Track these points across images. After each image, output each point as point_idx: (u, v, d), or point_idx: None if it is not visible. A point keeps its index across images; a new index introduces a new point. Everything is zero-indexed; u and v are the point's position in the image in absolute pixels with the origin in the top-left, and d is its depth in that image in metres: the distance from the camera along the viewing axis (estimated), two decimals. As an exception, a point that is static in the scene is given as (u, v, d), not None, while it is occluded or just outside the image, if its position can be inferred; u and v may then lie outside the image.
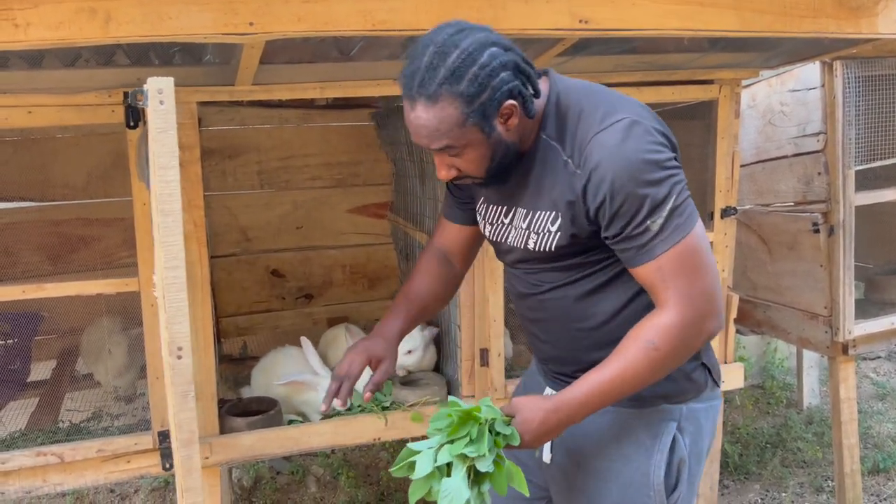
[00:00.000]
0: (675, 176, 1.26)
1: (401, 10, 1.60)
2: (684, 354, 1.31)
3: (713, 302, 1.28)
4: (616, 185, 1.23)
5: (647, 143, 1.25)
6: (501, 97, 1.25)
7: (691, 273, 1.26)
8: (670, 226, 1.24)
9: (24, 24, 1.37)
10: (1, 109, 1.85)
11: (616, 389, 1.29)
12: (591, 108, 1.30)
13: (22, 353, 2.70)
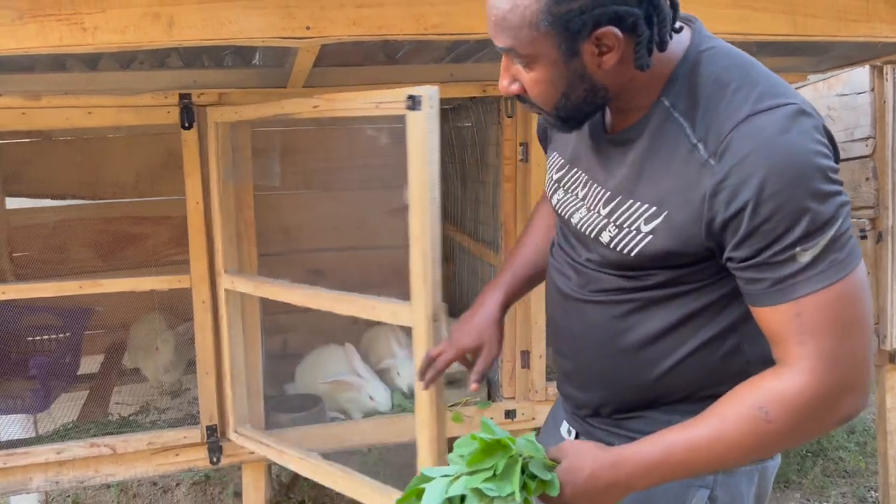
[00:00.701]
0: (843, 196, 0.92)
1: (453, 14, 1.62)
2: (806, 435, 0.98)
3: (863, 372, 0.94)
4: (768, 189, 0.90)
5: (818, 143, 0.92)
6: (604, 16, 0.94)
7: (842, 329, 0.92)
8: (825, 260, 0.91)
9: (92, 28, 1.42)
10: (62, 110, 1.91)
11: (703, 462, 0.97)
12: (743, 83, 0.97)
13: (73, 347, 2.77)
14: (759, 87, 0.96)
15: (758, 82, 0.97)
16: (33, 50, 1.41)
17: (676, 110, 1.01)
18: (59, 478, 2.05)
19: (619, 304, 1.10)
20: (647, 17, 0.95)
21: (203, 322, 2.04)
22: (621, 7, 0.94)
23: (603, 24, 0.94)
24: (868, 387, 0.96)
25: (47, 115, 1.90)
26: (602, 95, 1.03)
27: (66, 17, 1.40)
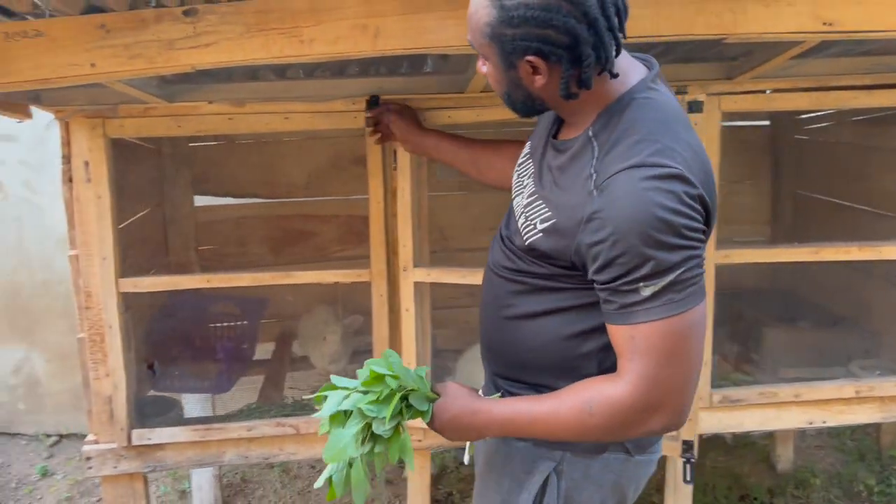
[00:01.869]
0: (693, 249, 1.08)
1: (640, 18, 1.62)
2: (617, 434, 1.17)
3: (675, 397, 1.11)
4: (620, 234, 1.07)
5: (675, 202, 1.06)
6: (531, 49, 1.12)
7: (664, 357, 1.09)
8: (663, 297, 1.07)
9: (309, 40, 1.54)
10: (262, 115, 2.07)
11: (538, 430, 1.20)
12: (646, 138, 1.11)
13: (250, 335, 2.99)
14: (655, 147, 1.10)
15: (658, 142, 1.10)
16: (257, 61, 1.55)
17: (596, 140, 1.17)
18: (248, 453, 2.23)
19: (511, 283, 1.32)
20: (573, 58, 1.11)
21: (380, 314, 2.15)
22: (546, 45, 1.10)
23: (530, 54, 1.12)
24: (681, 411, 1.13)
25: (250, 119, 2.07)
26: (539, 104, 1.23)
27: (287, 30, 1.53)
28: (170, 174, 3.07)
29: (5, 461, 3.53)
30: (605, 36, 1.11)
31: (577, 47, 1.10)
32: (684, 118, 1.20)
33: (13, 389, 3.67)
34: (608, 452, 1.31)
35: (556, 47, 1.11)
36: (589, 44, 1.10)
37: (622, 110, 1.16)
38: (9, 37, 1.47)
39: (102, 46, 1.50)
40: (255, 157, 3.21)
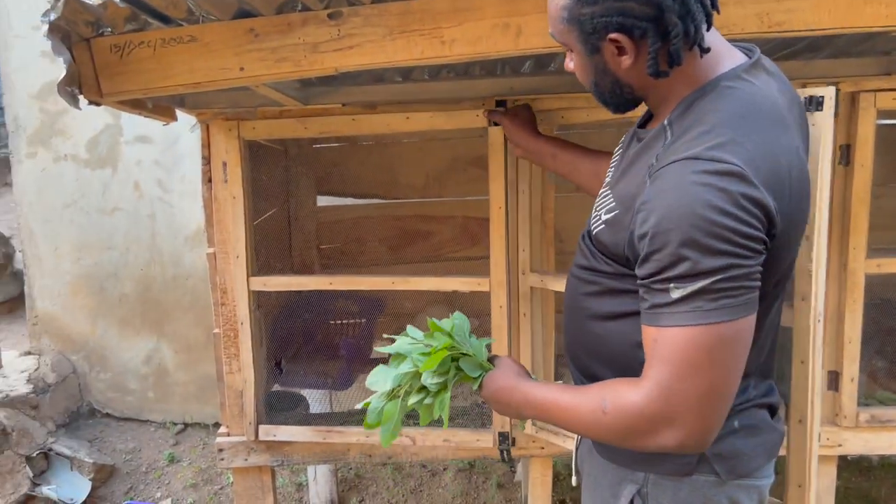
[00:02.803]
0: (739, 258, 0.96)
1: (799, 10, 1.52)
2: (628, 441, 1.07)
3: (690, 415, 1.00)
4: (661, 227, 0.98)
5: (724, 202, 0.95)
6: (612, 24, 1.04)
7: (682, 369, 0.99)
8: (691, 303, 0.97)
9: (450, 41, 1.53)
10: (385, 116, 2.08)
11: (560, 420, 1.16)
12: (713, 130, 1.02)
13: (367, 333, 3.03)
14: (718, 140, 1.00)
15: (723, 135, 1.00)
16: (398, 63, 1.55)
17: (671, 128, 1.09)
18: (371, 452, 2.25)
19: (584, 283, 1.25)
20: (659, 30, 1.03)
21: (500, 326, 2.12)
22: (628, 19, 1.03)
23: (612, 31, 1.05)
24: (699, 430, 1.01)
25: (373, 120, 2.08)
26: (628, 91, 1.15)
27: (429, 31, 1.52)
28: (295, 175, 3.15)
29: (136, 446, 3.73)
30: (691, 3, 1.03)
31: (662, 17, 1.02)
32: (776, 116, 1.07)
33: (144, 378, 3.88)
34: (697, 474, 1.18)
35: (640, 20, 1.03)
36: (675, 12, 1.02)
37: (701, 98, 1.08)
38: (166, 43, 1.53)
39: (251, 50, 1.53)
40: (376, 159, 3.25)
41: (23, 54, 3.57)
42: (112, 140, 3.66)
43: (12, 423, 3.24)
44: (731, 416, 1.15)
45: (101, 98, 1.57)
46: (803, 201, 1.09)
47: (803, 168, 1.09)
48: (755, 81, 1.09)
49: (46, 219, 3.71)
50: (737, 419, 1.19)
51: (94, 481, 3.37)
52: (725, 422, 1.09)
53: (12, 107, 3.65)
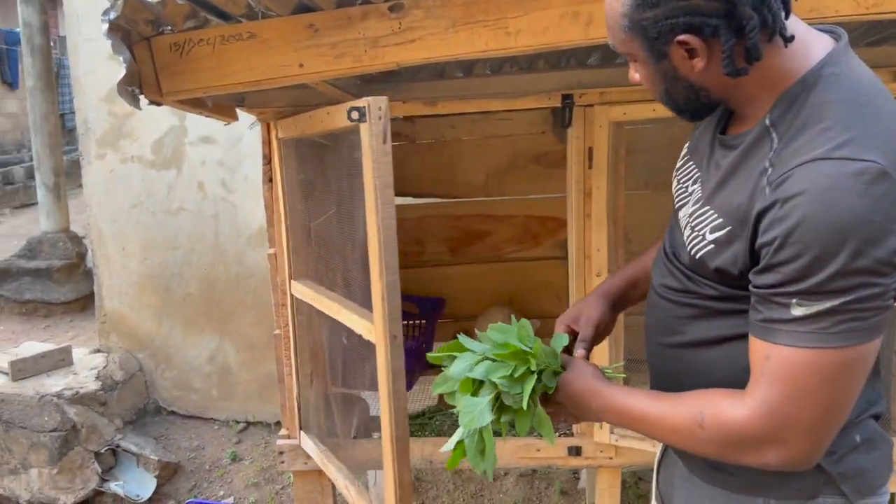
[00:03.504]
0: (876, 275, 0.86)
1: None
2: (727, 456, 1.00)
3: (799, 437, 0.93)
4: (794, 236, 0.87)
5: (867, 208, 0.84)
6: (679, 25, 0.94)
7: (795, 391, 0.91)
8: (813, 325, 0.88)
9: (515, 32, 1.46)
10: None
11: (646, 428, 1.07)
12: (836, 124, 0.90)
13: (428, 333, 2.98)
14: (849, 134, 0.89)
15: (853, 128, 0.90)
16: (461, 56, 1.49)
17: (775, 130, 0.97)
18: (432, 458, 2.20)
19: (679, 306, 1.13)
20: (732, 25, 0.93)
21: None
22: (696, 17, 0.94)
23: (679, 32, 0.95)
24: (807, 450, 0.94)
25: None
26: (704, 95, 1.04)
27: (493, 22, 1.45)
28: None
29: (200, 444, 3.78)
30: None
31: (734, 10, 0.92)
32: (885, 92, 0.96)
33: (208, 377, 3.92)
34: (822, 497, 1.07)
35: (709, 16, 0.93)
36: (748, 3, 0.92)
37: (807, 92, 0.95)
38: (225, 40, 1.50)
39: (310, 46, 1.49)
40: (435, 157, 3.21)
41: (92, 58, 3.65)
42: (177, 141, 3.71)
43: (82, 420, 3.31)
44: (850, 431, 1.06)
45: (161, 97, 1.55)
46: None
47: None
48: (852, 63, 0.98)
49: (114, 219, 3.78)
50: (857, 433, 1.08)
51: (160, 478, 3.42)
52: (845, 438, 1.04)
53: (82, 110, 3.73)
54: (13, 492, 3.30)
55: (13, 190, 8.42)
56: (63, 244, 4.81)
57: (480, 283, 3.31)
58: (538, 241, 3.29)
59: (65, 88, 8.60)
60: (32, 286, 4.70)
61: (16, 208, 8.31)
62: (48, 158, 4.65)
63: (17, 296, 4.67)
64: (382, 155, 1.48)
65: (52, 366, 3.52)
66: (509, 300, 3.31)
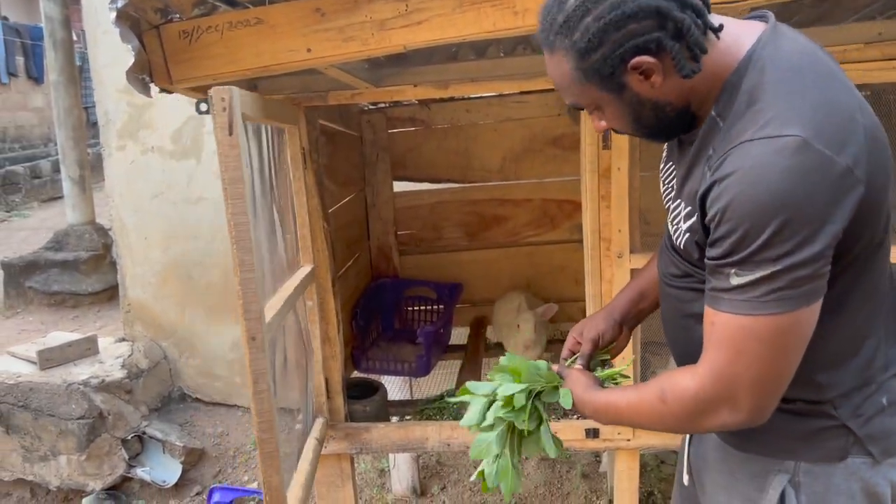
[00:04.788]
0: (804, 245, 0.92)
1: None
2: (692, 425, 1.11)
3: (745, 395, 1.01)
4: (728, 213, 0.95)
5: (801, 181, 0.91)
6: (627, 52, 1.00)
7: (737, 355, 1.00)
8: (750, 293, 0.96)
9: (523, 11, 1.44)
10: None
11: (629, 419, 1.19)
12: (765, 104, 0.97)
13: (446, 319, 2.98)
14: (773, 112, 0.96)
15: (776, 106, 0.96)
16: (468, 37, 1.48)
17: (721, 119, 1.04)
18: (450, 441, 2.21)
19: (682, 290, 1.22)
20: (673, 32, 0.99)
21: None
22: (638, 39, 0.99)
23: (631, 57, 1.00)
24: (757, 408, 1.02)
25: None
26: (670, 108, 1.08)
27: (500, 2, 1.44)
28: (370, 160, 3.13)
29: (224, 430, 3.83)
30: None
31: (666, 19, 0.99)
32: (823, 69, 1.01)
33: (231, 364, 3.97)
34: (851, 457, 1.13)
35: (648, 33, 0.99)
36: (675, 9, 0.99)
37: (741, 78, 1.02)
38: (233, 26, 1.50)
39: (317, 31, 1.49)
40: (451, 142, 3.20)
41: (111, 50, 3.69)
42: (195, 131, 3.73)
43: (108, 407, 3.37)
44: (878, 393, 1.12)
45: (171, 85, 1.56)
46: (881, 147, 1.01)
47: (869, 112, 1.02)
48: (784, 43, 1.04)
49: (136, 209, 3.83)
50: (884, 395, 1.13)
51: (185, 464, 3.47)
52: (872, 400, 1.12)
53: (102, 102, 3.77)
54: (43, 478, 3.37)
55: (41, 184, 8.57)
56: (89, 236, 4.89)
57: (498, 267, 3.31)
58: (555, 224, 3.27)
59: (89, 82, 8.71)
60: (60, 278, 4.79)
61: (44, 202, 8.46)
62: (73, 151, 4.72)
63: (46, 287, 4.76)
64: (229, 147, 1.37)
65: (79, 355, 3.59)
66: (527, 284, 3.30)
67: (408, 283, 3.18)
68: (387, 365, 2.74)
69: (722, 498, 1.26)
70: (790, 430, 1.14)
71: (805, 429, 1.14)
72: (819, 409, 1.12)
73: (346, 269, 2.71)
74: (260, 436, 1.53)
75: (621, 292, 1.51)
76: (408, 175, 3.23)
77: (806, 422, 1.14)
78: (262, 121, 1.73)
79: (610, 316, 1.46)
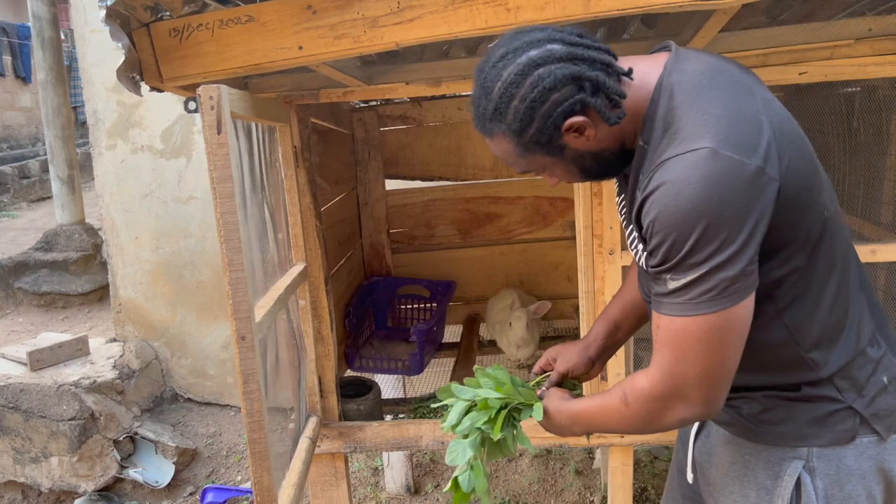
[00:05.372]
0: (726, 246, 1.01)
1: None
2: (653, 424, 1.16)
3: (694, 390, 1.09)
4: (656, 226, 1.04)
5: (714, 187, 0.99)
6: (558, 120, 1.10)
7: (681, 353, 1.08)
8: (685, 296, 1.05)
9: (515, 8, 1.44)
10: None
11: (601, 424, 1.26)
12: (680, 125, 1.07)
13: (439, 316, 2.98)
14: (685, 131, 1.05)
15: (686, 125, 1.06)
16: (461, 34, 1.47)
17: (648, 146, 1.12)
18: (444, 439, 2.20)
19: None
20: (592, 90, 1.09)
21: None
22: (564, 105, 1.09)
23: (562, 122, 1.10)
24: (708, 400, 1.10)
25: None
26: (609, 154, 1.18)
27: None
28: (362, 158, 3.12)
29: (217, 430, 3.81)
30: (589, 52, 1.10)
31: (582, 81, 1.09)
32: (727, 80, 1.11)
33: (223, 363, 3.95)
34: (859, 438, 1.19)
35: (570, 98, 1.09)
36: (587, 69, 1.09)
37: (656, 108, 1.12)
38: (224, 24, 1.49)
39: (309, 28, 1.48)
40: (443, 140, 3.19)
41: (99, 49, 3.66)
42: (185, 130, 3.72)
43: (100, 408, 3.35)
44: (878, 373, 1.19)
45: (161, 83, 1.55)
46: (794, 137, 1.09)
47: (775, 107, 1.11)
48: (687, 65, 1.13)
49: (126, 209, 3.81)
50: (884, 374, 1.20)
51: (178, 464, 3.46)
52: (874, 380, 1.18)
53: (91, 101, 3.75)
54: (35, 480, 3.35)
55: (29, 184, 8.50)
56: (79, 236, 4.86)
57: (491, 265, 3.31)
58: (548, 221, 3.27)
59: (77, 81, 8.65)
60: (50, 278, 4.76)
61: (33, 202, 8.40)
62: (61, 151, 4.69)
63: (36, 288, 4.73)
64: (217, 146, 1.37)
65: (70, 356, 3.57)
66: (520, 282, 3.30)
67: (401, 282, 3.17)
68: (380, 363, 2.74)
69: (735, 488, 1.29)
70: (801, 418, 1.19)
71: (814, 414, 1.19)
72: (823, 392, 1.18)
73: (338, 268, 2.70)
74: (251, 435, 1.52)
75: (598, 322, 1.57)
76: (400, 173, 3.22)
77: (814, 408, 1.19)
78: (253, 119, 1.72)
79: (584, 352, 1.53)
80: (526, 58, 1.09)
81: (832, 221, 1.15)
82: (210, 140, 1.38)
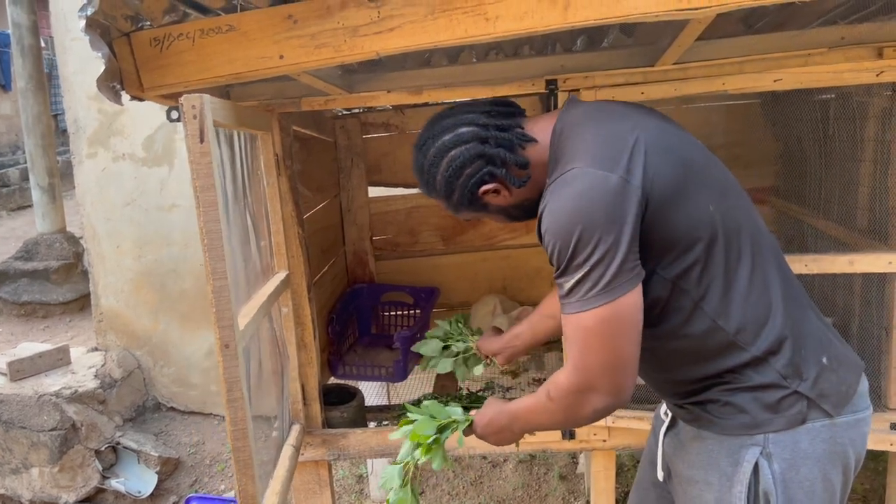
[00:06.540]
0: (604, 241, 1.16)
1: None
2: (574, 417, 1.29)
3: (604, 380, 1.21)
4: (547, 235, 1.22)
5: (582, 199, 1.18)
6: (472, 189, 1.36)
7: (584, 347, 1.21)
8: (578, 293, 1.19)
9: (494, 18, 1.45)
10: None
11: (531, 422, 1.40)
12: (564, 156, 1.27)
13: (422, 323, 2.98)
14: (564, 158, 1.26)
15: (565, 154, 1.27)
16: (441, 43, 1.48)
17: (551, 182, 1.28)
18: (428, 445, 2.21)
19: None
20: (497, 163, 1.34)
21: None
22: (475, 177, 1.35)
23: (477, 190, 1.37)
24: (616, 391, 1.22)
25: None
26: (529, 203, 1.40)
27: (472, 8, 1.44)
28: (345, 166, 3.13)
29: (200, 439, 3.79)
30: (489, 133, 1.34)
31: (487, 156, 1.33)
32: (606, 113, 1.32)
33: (206, 372, 3.93)
34: (811, 421, 1.28)
35: (479, 171, 1.34)
36: (491, 147, 1.33)
37: (554, 149, 1.32)
38: (204, 34, 1.50)
39: (290, 37, 1.49)
40: (425, 146, 3.20)
41: (80, 57, 3.65)
42: (167, 138, 3.71)
43: (81, 418, 3.32)
44: (818, 353, 1.29)
45: (142, 93, 1.55)
46: (664, 149, 1.23)
47: (651, 126, 1.27)
48: (574, 110, 1.36)
49: (108, 217, 3.79)
50: (823, 355, 1.30)
51: (161, 474, 3.44)
52: (814, 361, 1.28)
53: (72, 109, 3.73)
54: (15, 491, 3.31)
55: (9, 192, 8.42)
56: (60, 245, 4.82)
57: (474, 271, 3.32)
58: (530, 228, 3.29)
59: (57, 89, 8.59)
60: (30, 288, 4.72)
61: (12, 210, 8.31)
62: (42, 159, 4.65)
63: (16, 298, 4.69)
64: (200, 155, 1.38)
65: (50, 365, 3.54)
66: (503, 287, 3.32)
67: (384, 288, 3.18)
68: (364, 370, 2.74)
69: (699, 476, 1.37)
70: (755, 406, 1.28)
71: (766, 401, 1.28)
72: (770, 379, 1.27)
73: (321, 275, 2.70)
74: (234, 444, 1.53)
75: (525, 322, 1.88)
76: (383, 180, 3.23)
77: (765, 395, 1.28)
78: (235, 128, 1.72)
79: (510, 344, 1.87)
80: (441, 143, 1.36)
81: (728, 215, 1.27)
82: (193, 149, 1.39)
